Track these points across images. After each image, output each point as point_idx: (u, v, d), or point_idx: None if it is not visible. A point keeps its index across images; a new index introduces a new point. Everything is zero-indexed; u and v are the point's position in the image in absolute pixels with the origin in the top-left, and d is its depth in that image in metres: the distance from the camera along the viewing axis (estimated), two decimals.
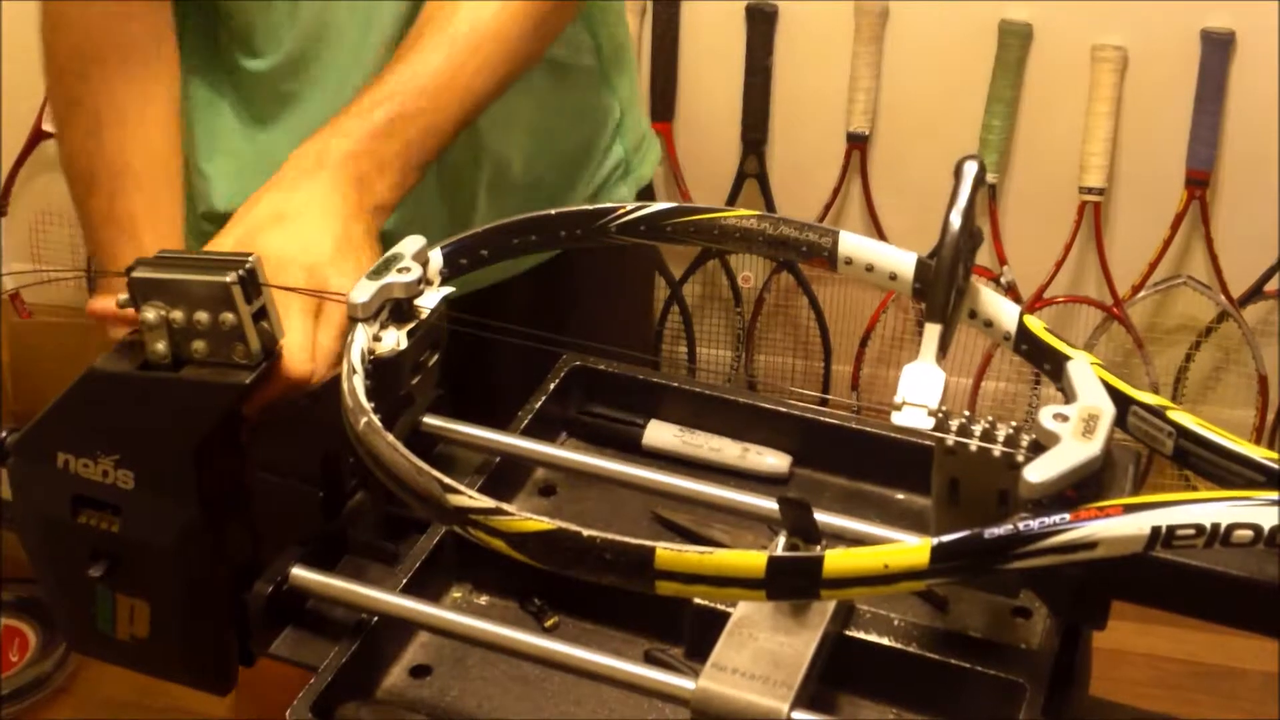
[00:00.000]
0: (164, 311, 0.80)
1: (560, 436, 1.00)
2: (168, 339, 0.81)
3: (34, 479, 0.84)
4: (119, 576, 0.84)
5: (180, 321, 0.80)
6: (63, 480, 0.83)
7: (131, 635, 0.86)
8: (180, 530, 0.82)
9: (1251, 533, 0.63)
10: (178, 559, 0.83)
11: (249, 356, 0.81)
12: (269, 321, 0.82)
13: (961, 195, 0.76)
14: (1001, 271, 2.51)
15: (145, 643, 0.85)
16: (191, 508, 0.82)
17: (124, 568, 0.83)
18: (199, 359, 0.81)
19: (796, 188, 2.63)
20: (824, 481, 0.96)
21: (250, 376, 0.81)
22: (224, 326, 0.80)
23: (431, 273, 0.87)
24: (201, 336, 0.81)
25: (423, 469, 0.70)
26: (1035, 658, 0.79)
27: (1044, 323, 0.81)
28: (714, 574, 0.66)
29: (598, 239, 0.89)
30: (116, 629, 0.86)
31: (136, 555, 0.83)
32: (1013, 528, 0.64)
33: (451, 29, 1.04)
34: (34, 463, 0.84)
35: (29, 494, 0.85)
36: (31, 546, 0.88)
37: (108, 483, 0.82)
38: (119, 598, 0.85)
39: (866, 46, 2.50)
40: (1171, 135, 2.44)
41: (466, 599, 0.89)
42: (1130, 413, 0.75)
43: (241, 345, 0.81)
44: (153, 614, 0.85)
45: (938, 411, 0.73)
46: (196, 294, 0.80)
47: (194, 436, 0.81)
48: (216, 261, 0.81)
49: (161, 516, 0.82)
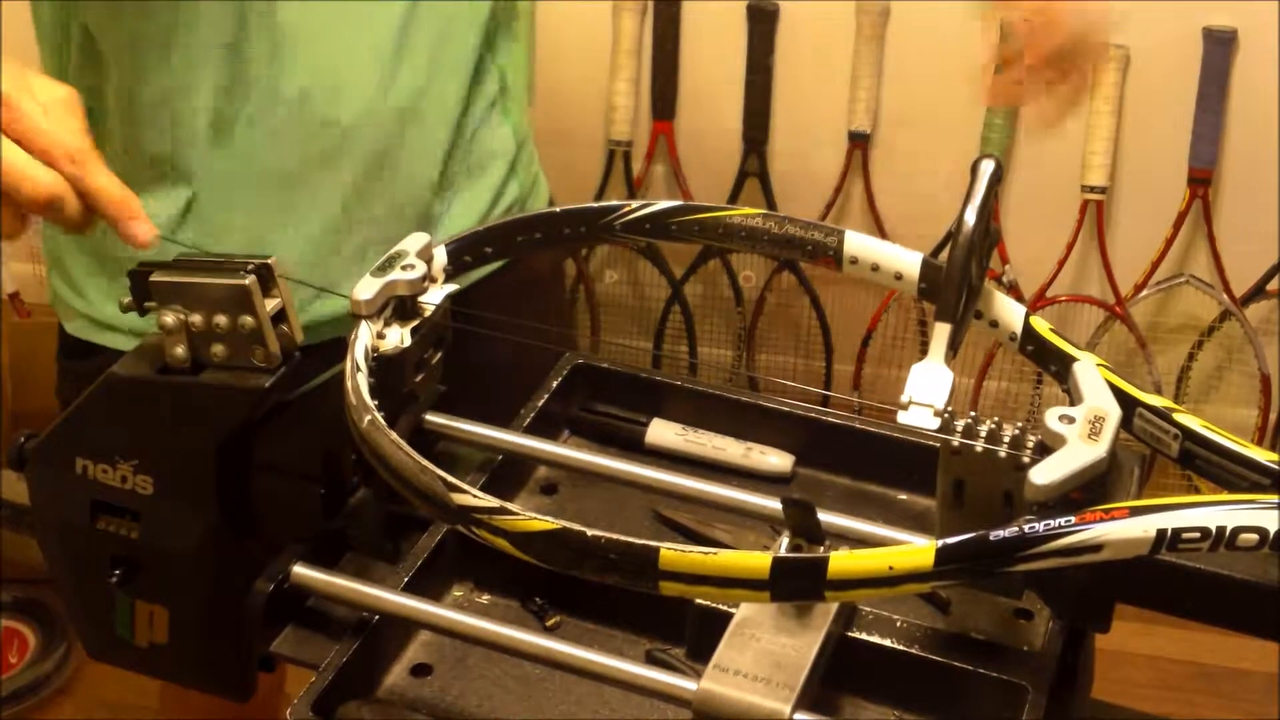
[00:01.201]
0: (183, 315, 0.80)
1: (563, 435, 0.99)
2: (186, 343, 0.81)
3: (53, 485, 0.84)
4: (138, 582, 0.83)
5: (199, 325, 0.80)
6: (82, 486, 0.83)
7: (151, 641, 0.85)
8: (200, 536, 0.82)
9: (1256, 536, 0.63)
10: (197, 564, 0.83)
11: (268, 359, 0.81)
12: (288, 324, 0.82)
13: (977, 193, 0.75)
14: (1004, 271, 2.51)
15: (165, 649, 0.85)
16: (211, 513, 0.81)
17: (143, 574, 0.83)
18: (218, 362, 0.81)
19: (798, 187, 2.63)
20: (827, 481, 0.96)
21: (270, 380, 0.81)
22: (243, 329, 0.80)
23: (435, 270, 0.87)
24: (220, 340, 0.80)
25: (426, 468, 0.70)
26: (1038, 660, 0.79)
27: (1050, 324, 0.80)
28: (718, 575, 0.66)
29: (602, 236, 0.89)
30: (136, 635, 0.85)
31: (155, 561, 0.83)
32: (1018, 530, 0.64)
33: None
34: (53, 468, 0.83)
35: (48, 500, 0.85)
36: (51, 552, 0.88)
37: (126, 488, 0.82)
38: (138, 604, 0.84)
39: (868, 45, 2.50)
40: (1174, 134, 2.43)
41: (468, 598, 0.88)
42: (1136, 415, 0.74)
43: (260, 348, 0.80)
44: (172, 620, 0.84)
45: (944, 412, 0.72)
46: (215, 297, 0.80)
47: (214, 440, 0.80)
48: (233, 264, 0.81)
49: (181, 522, 0.82)
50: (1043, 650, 0.80)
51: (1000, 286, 2.47)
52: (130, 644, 0.86)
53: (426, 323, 0.84)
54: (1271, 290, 2.48)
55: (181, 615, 0.84)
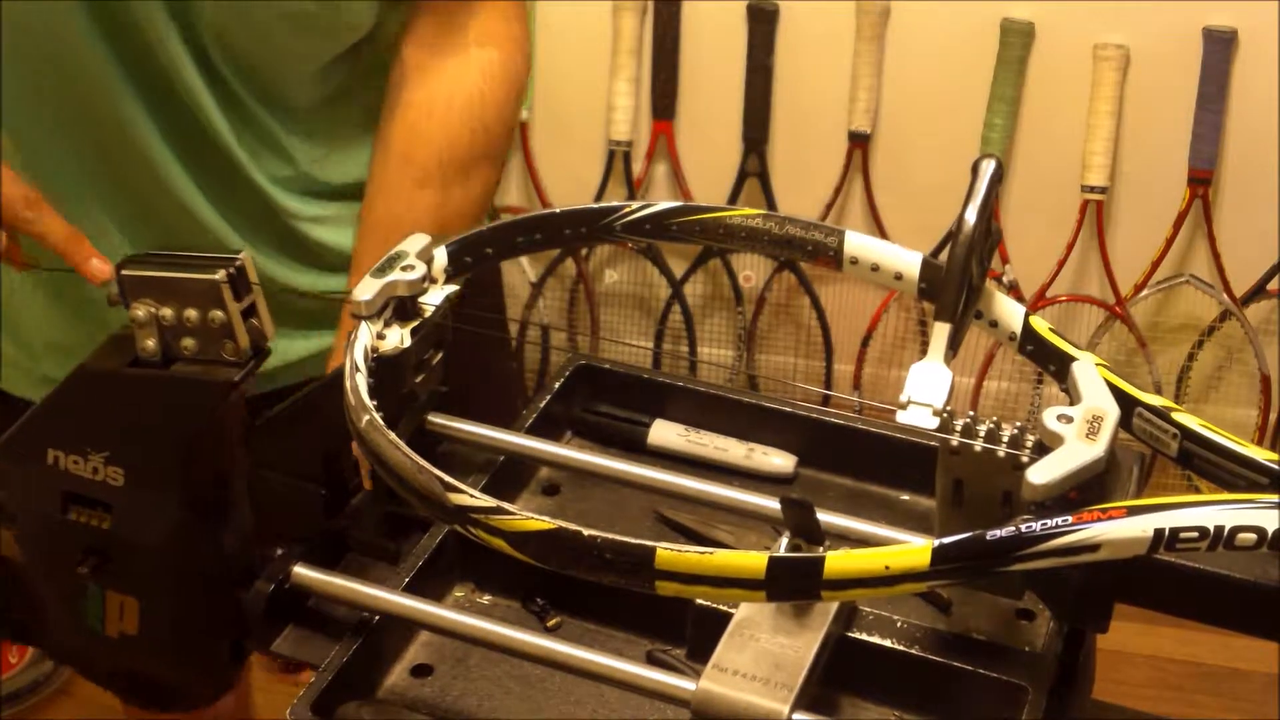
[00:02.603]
0: (154, 309, 0.81)
1: (565, 435, 0.99)
2: (158, 336, 0.81)
3: (25, 476, 0.84)
4: (109, 573, 0.84)
5: (170, 319, 0.81)
6: (53, 477, 0.83)
7: (121, 632, 0.86)
8: (170, 527, 0.82)
9: (1255, 536, 0.63)
10: (167, 555, 0.83)
11: (238, 354, 0.81)
12: (259, 319, 0.83)
13: (978, 193, 0.75)
14: (1004, 271, 2.51)
15: (135, 639, 0.86)
16: (181, 504, 0.82)
17: (114, 564, 0.83)
18: (189, 356, 0.82)
19: (798, 187, 2.63)
20: (829, 482, 0.96)
21: (239, 374, 0.81)
22: (213, 324, 0.80)
23: (435, 270, 0.87)
24: (191, 334, 0.81)
25: (424, 467, 0.70)
26: (1038, 660, 0.79)
27: (1049, 323, 0.80)
28: (714, 574, 0.66)
29: (602, 238, 0.89)
30: (106, 625, 0.86)
31: (126, 552, 0.83)
32: (1015, 530, 0.64)
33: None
34: (24, 460, 0.84)
35: (20, 491, 0.85)
36: (25, 545, 0.88)
37: (98, 480, 0.82)
38: (109, 594, 0.85)
39: (868, 45, 2.50)
40: (1174, 134, 2.43)
41: (469, 598, 0.88)
42: (1135, 414, 0.74)
43: (231, 342, 0.81)
44: (142, 610, 0.85)
45: (943, 411, 0.72)
46: (186, 291, 0.80)
47: (183, 433, 0.81)
48: (206, 260, 0.81)
49: (151, 513, 0.82)
50: (1043, 650, 0.80)
51: (1001, 286, 2.47)
52: (101, 634, 0.86)
53: (427, 323, 0.84)
54: (1271, 290, 2.49)
55: (152, 606, 0.84)
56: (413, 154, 1.10)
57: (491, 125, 1.11)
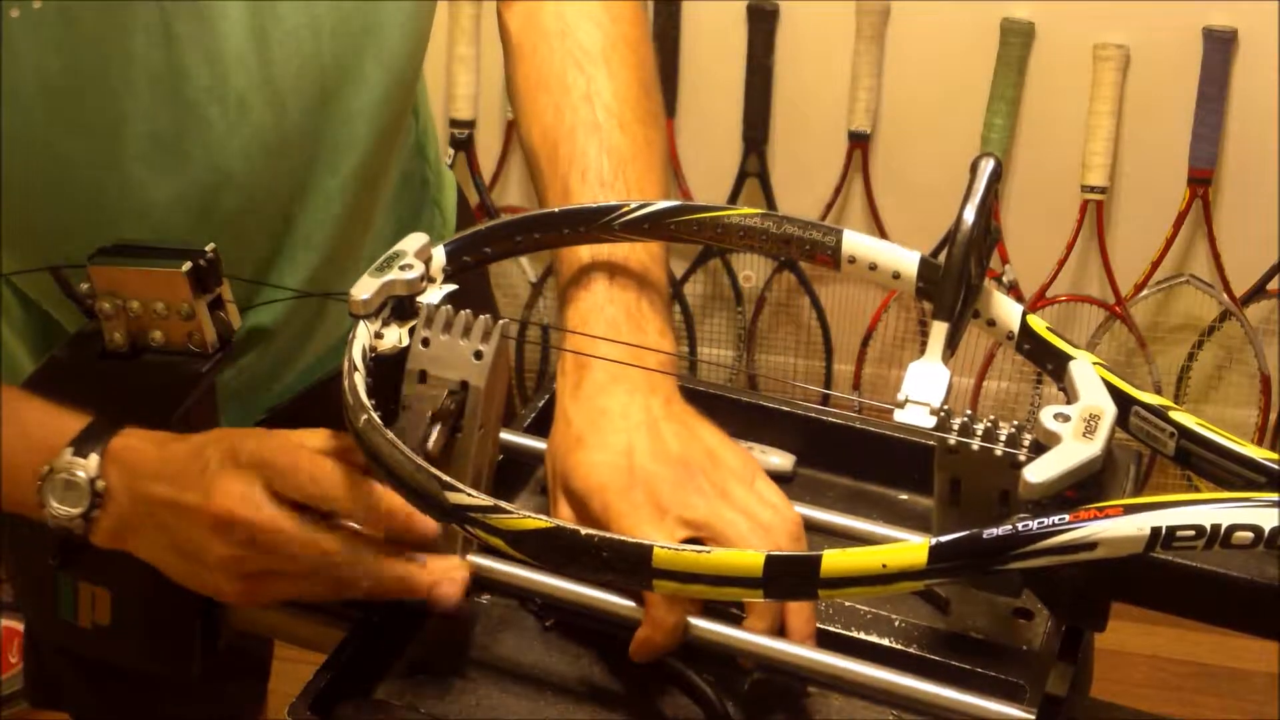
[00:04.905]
0: (120, 301, 0.81)
1: None
2: (125, 328, 0.81)
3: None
4: (80, 564, 0.84)
5: (137, 311, 0.81)
6: None
7: (94, 622, 0.86)
8: None
9: (1251, 534, 0.63)
10: None
11: (205, 345, 0.81)
12: (225, 310, 0.83)
13: (976, 191, 0.75)
14: (1003, 270, 2.51)
15: (108, 630, 0.86)
16: None
17: (85, 556, 0.84)
18: (157, 347, 0.82)
19: (798, 186, 2.63)
20: (828, 481, 0.96)
21: (206, 365, 0.82)
22: (180, 316, 0.81)
23: (434, 270, 0.87)
24: (159, 326, 0.81)
25: (421, 466, 0.70)
26: (1036, 659, 0.79)
27: (1046, 322, 0.80)
28: (711, 573, 0.66)
29: (601, 236, 0.89)
30: (79, 616, 0.86)
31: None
32: (1011, 528, 0.64)
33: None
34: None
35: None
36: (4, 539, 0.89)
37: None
38: (81, 586, 0.85)
39: (868, 45, 2.50)
40: (1174, 134, 2.43)
41: (468, 598, 0.88)
42: (1132, 413, 0.74)
43: (197, 334, 0.81)
44: (114, 601, 0.85)
45: (940, 410, 0.72)
46: (152, 283, 0.81)
47: (151, 423, 0.81)
48: (175, 251, 0.82)
49: None
50: (1042, 649, 0.80)
51: (1000, 286, 2.47)
52: (74, 625, 0.86)
53: None
54: (1271, 290, 2.49)
55: (123, 596, 0.84)
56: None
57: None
